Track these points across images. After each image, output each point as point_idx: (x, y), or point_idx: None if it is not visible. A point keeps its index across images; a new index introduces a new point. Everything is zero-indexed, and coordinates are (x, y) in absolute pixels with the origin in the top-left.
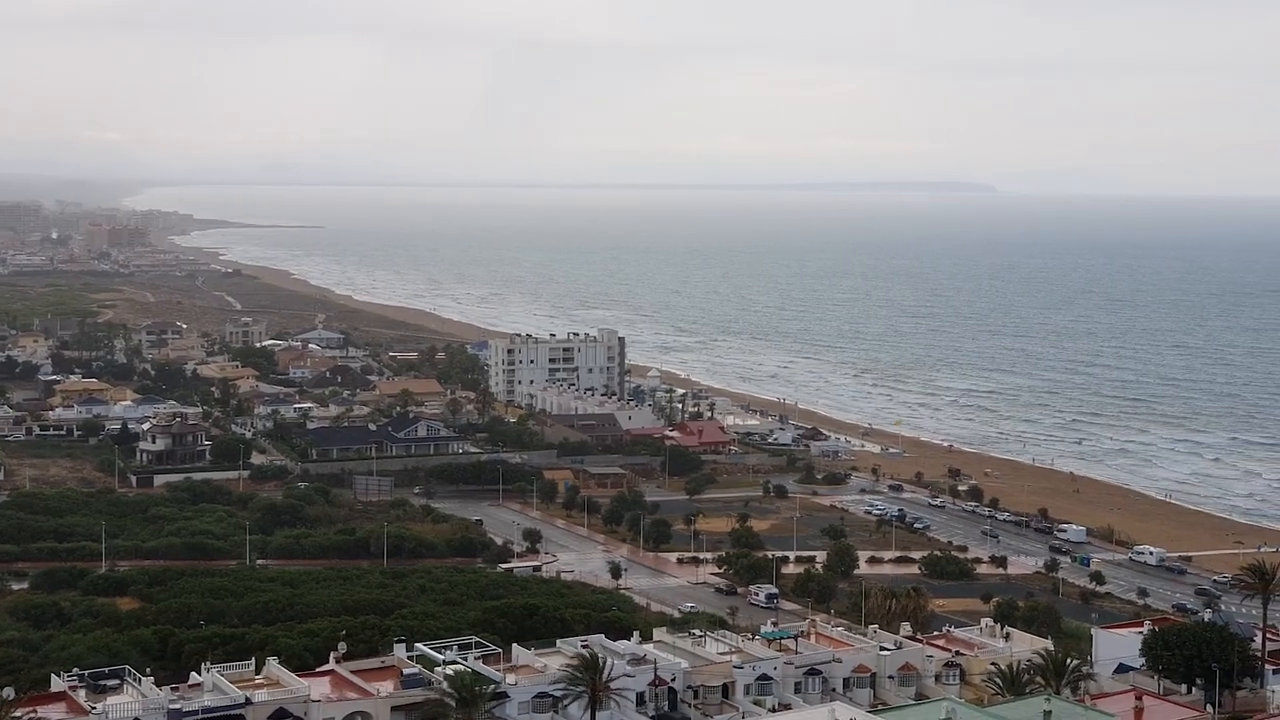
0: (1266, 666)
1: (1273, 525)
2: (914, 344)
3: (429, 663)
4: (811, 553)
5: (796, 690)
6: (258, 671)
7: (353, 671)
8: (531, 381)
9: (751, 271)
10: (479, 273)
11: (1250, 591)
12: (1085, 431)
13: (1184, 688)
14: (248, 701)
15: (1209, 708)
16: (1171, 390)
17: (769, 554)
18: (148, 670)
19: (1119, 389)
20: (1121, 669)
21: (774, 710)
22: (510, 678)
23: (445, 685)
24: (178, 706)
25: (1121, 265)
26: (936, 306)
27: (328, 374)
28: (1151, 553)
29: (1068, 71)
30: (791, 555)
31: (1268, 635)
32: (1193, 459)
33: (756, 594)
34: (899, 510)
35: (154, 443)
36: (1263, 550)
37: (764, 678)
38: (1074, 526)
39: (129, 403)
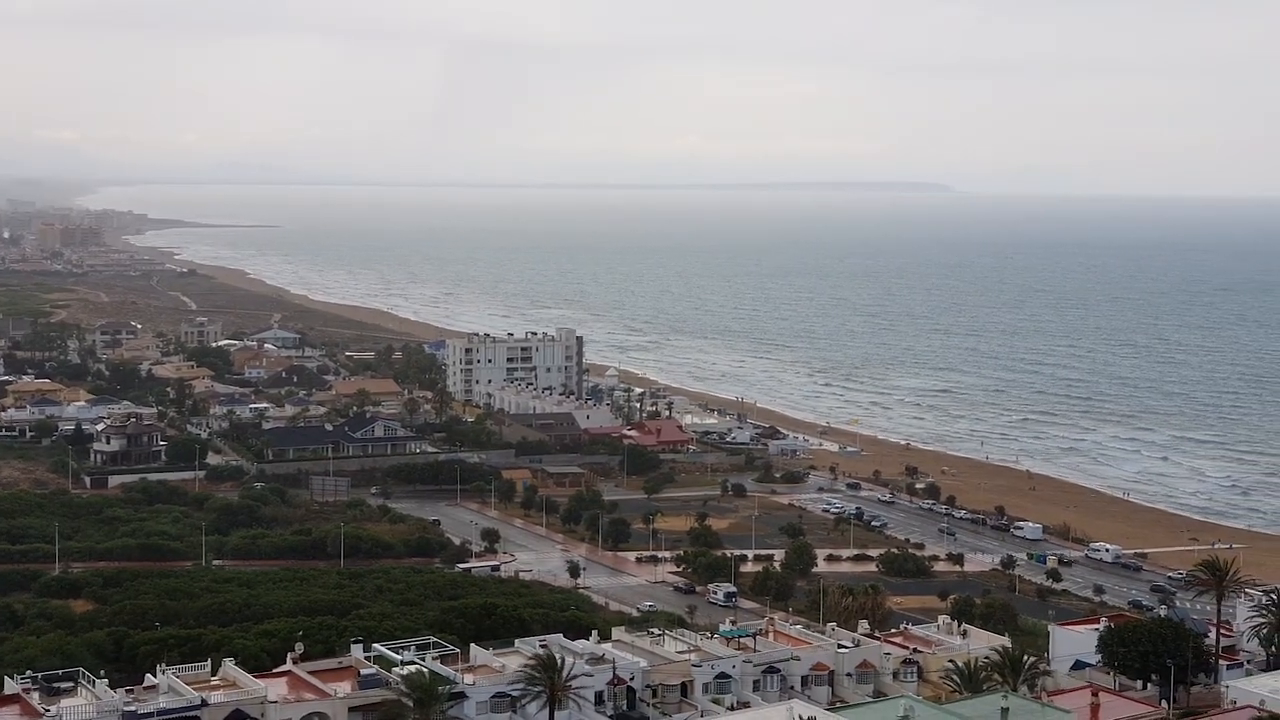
0: (1220, 662)
1: (1226, 522)
2: (868, 343)
3: (386, 663)
4: (770, 551)
5: (755, 688)
6: (214, 673)
7: (310, 672)
8: (489, 381)
9: (708, 271)
10: (435, 272)
11: (1204, 588)
12: (1038, 430)
13: (1139, 684)
14: (204, 703)
15: (1164, 703)
16: (1122, 389)
17: (727, 553)
18: (102, 672)
19: (1070, 387)
20: (1078, 665)
21: (732, 708)
22: (468, 678)
23: (403, 686)
24: (133, 709)
25: (1074, 264)
26: (890, 306)
27: (284, 374)
28: (1108, 550)
29: (1025, 72)
30: (750, 554)
31: (1221, 631)
32: (1144, 457)
33: (715, 592)
34: (857, 508)
35: (108, 443)
36: (1217, 547)
37: (722, 676)
38: (1030, 524)
39: (83, 403)
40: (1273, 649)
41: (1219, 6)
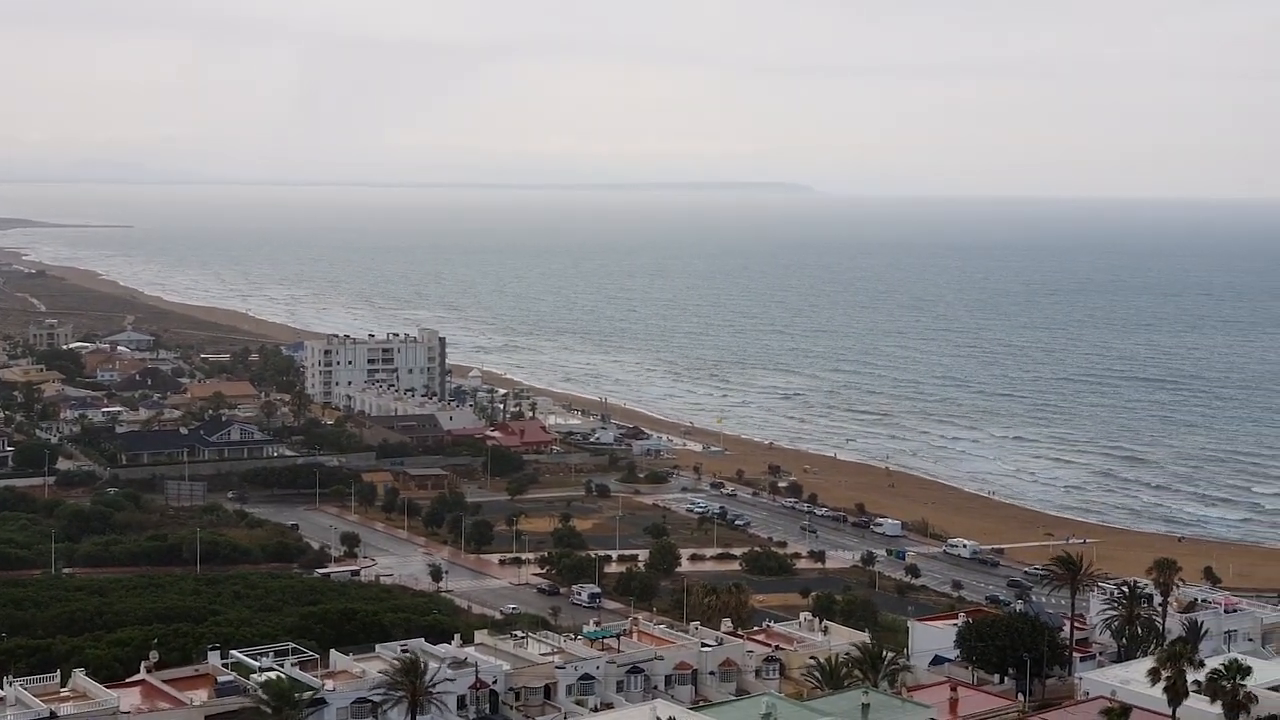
0: (1074, 655)
1: (1079, 517)
2: (729, 343)
3: (244, 670)
4: (634, 551)
5: (619, 689)
6: (64, 684)
7: (164, 681)
8: (349, 383)
9: (571, 271)
10: (294, 273)
11: (1059, 582)
12: (896, 427)
13: (997, 677)
14: (53, 715)
15: (1020, 696)
16: (975, 387)
17: (591, 553)
18: None
19: (926, 386)
20: (937, 660)
21: (596, 710)
22: (328, 684)
23: (261, 693)
24: None
25: (929, 265)
26: (750, 306)
27: (137, 377)
28: (965, 545)
29: (885, 74)
30: (614, 554)
31: (1075, 624)
32: (998, 453)
33: (579, 594)
34: (720, 508)
35: None
36: (1070, 542)
37: (586, 677)
38: (890, 521)
39: None
40: (1124, 641)
41: (1070, 9)
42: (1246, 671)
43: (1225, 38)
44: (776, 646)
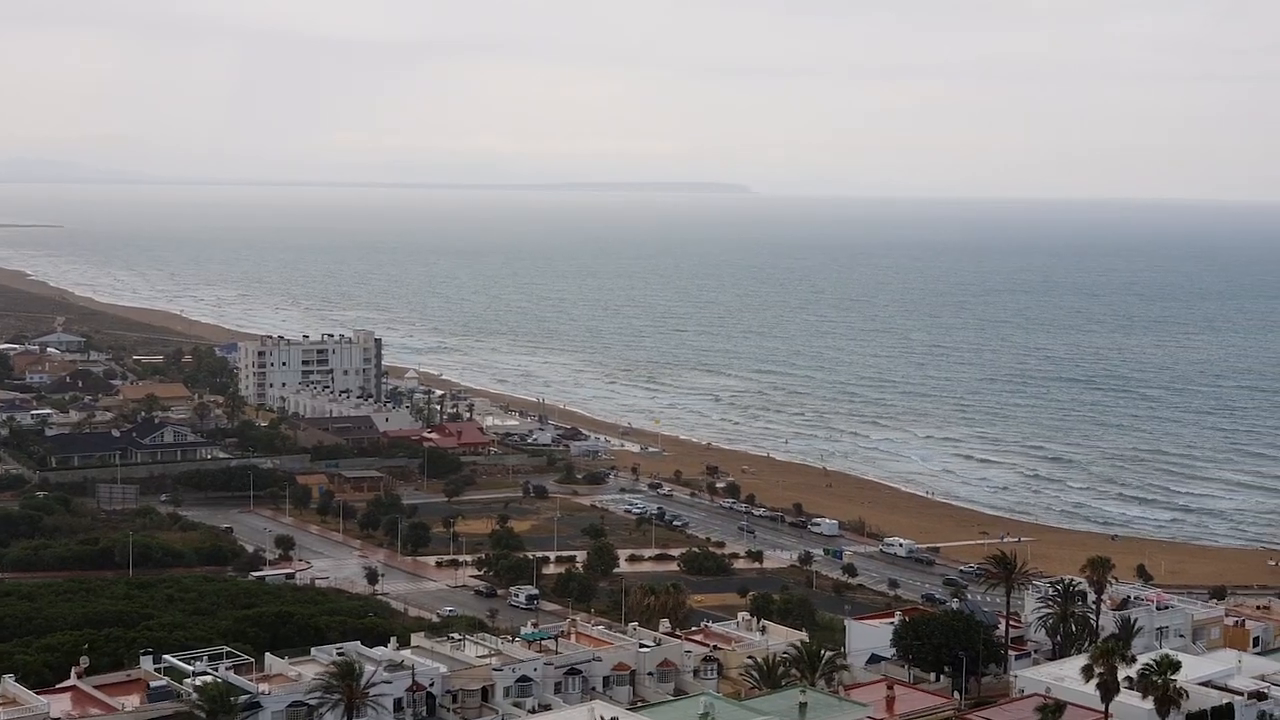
0: (1009, 652)
1: (1014, 516)
2: (665, 343)
3: (178, 675)
4: (572, 552)
5: (557, 690)
6: None
7: (96, 686)
8: (284, 384)
9: (507, 272)
10: (227, 273)
11: (994, 581)
12: (832, 427)
13: (933, 675)
14: None
15: (956, 694)
16: (904, 388)
17: (529, 555)
18: None
19: (856, 387)
20: (874, 659)
21: (533, 711)
22: (263, 687)
23: (195, 697)
24: None
25: (862, 265)
26: (684, 307)
27: (68, 378)
28: (901, 544)
29: (823, 75)
30: (552, 555)
31: (1010, 622)
32: (928, 454)
33: (516, 595)
34: (658, 508)
35: None
36: (1005, 540)
37: (524, 679)
38: (827, 520)
39: None
40: (1058, 638)
41: (1019, 14)
42: (1177, 667)
43: (1162, 41)
44: (714, 646)
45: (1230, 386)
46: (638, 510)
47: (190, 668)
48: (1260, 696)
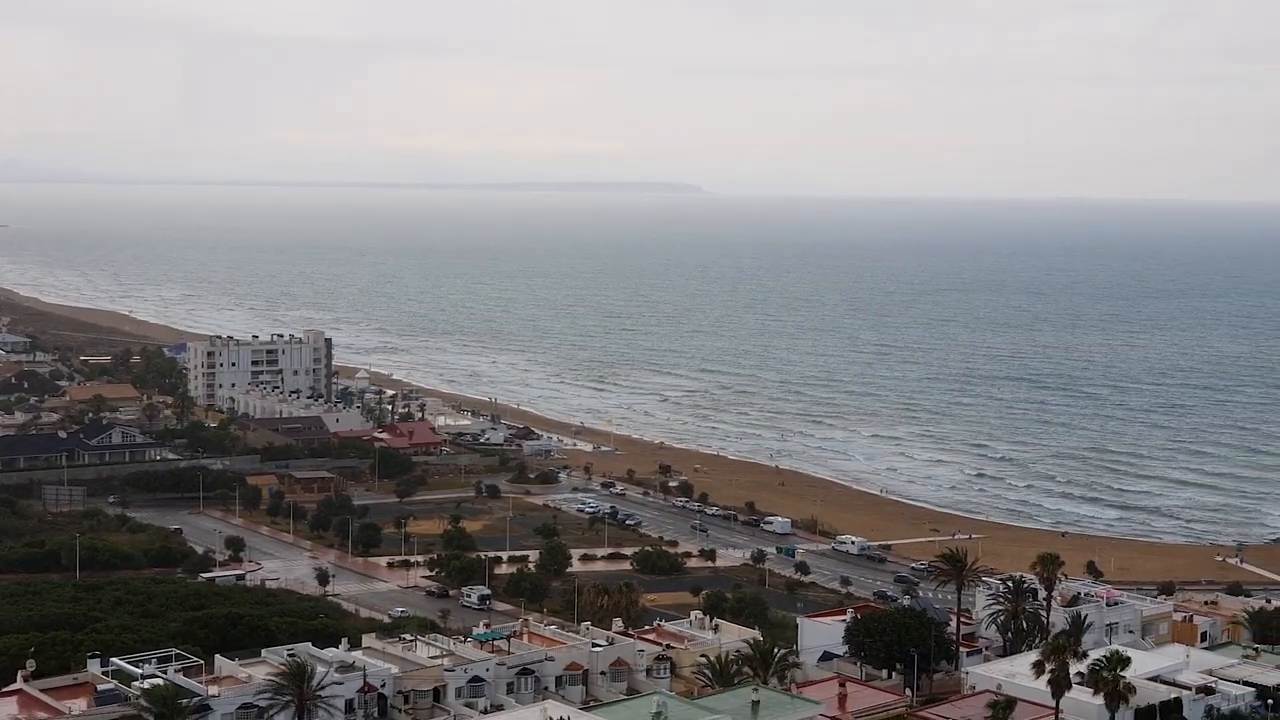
0: (961, 649)
1: (964, 514)
2: (615, 343)
3: (126, 678)
4: (524, 552)
5: (509, 691)
6: None
7: (43, 690)
8: (233, 385)
9: (456, 271)
10: (174, 273)
11: (945, 578)
12: (783, 426)
13: (885, 672)
14: None
15: (908, 691)
16: (851, 387)
17: (481, 555)
18: None
19: (804, 387)
20: (826, 656)
21: (486, 712)
22: (213, 689)
23: (143, 700)
24: None
25: (811, 265)
26: (633, 306)
27: (13, 379)
28: (853, 542)
29: (775, 75)
30: (504, 555)
31: (961, 619)
32: (881, 452)
33: (469, 596)
34: (611, 507)
35: None
36: (956, 538)
37: (476, 680)
38: (780, 519)
39: None
40: (1009, 635)
41: (962, 14)
42: (1126, 662)
43: (1098, 40)
44: (667, 645)
45: (1174, 385)
46: (590, 510)
47: (139, 670)
48: (1208, 691)
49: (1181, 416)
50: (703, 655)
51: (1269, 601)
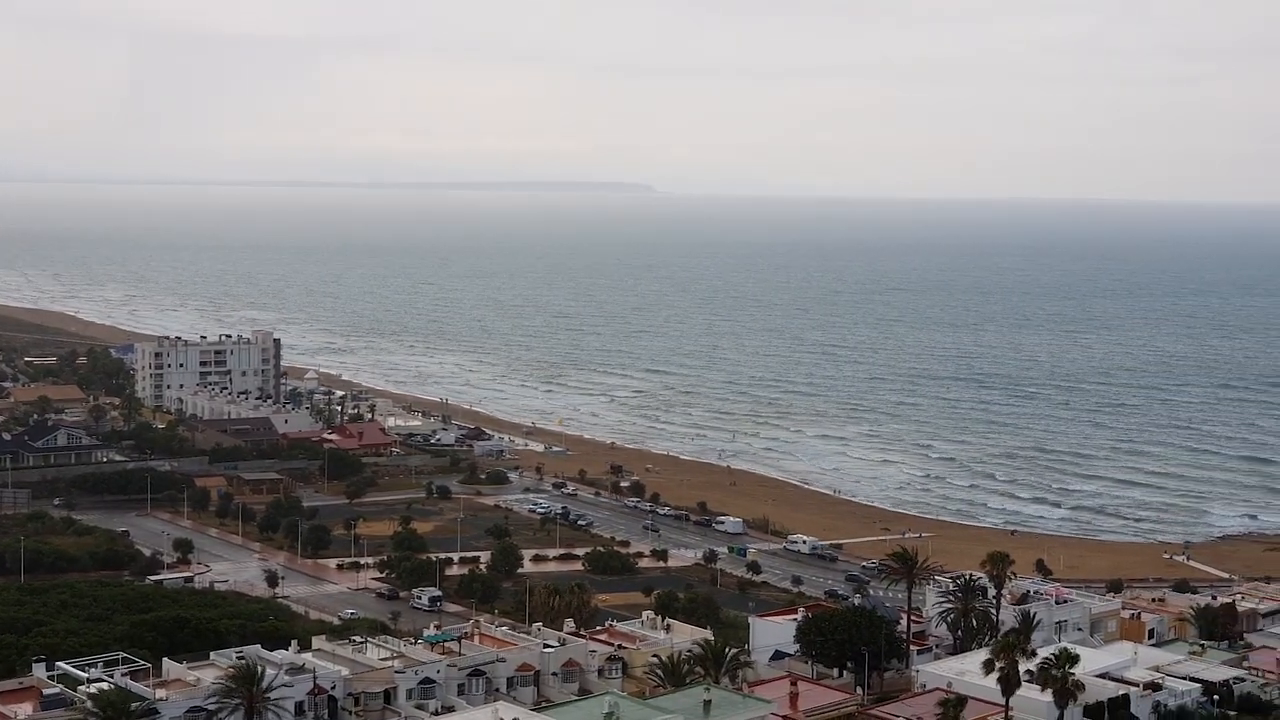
0: (911, 647)
1: (914, 512)
2: (566, 343)
3: (72, 682)
4: (476, 553)
5: (460, 692)
6: None
7: None
8: (181, 386)
9: (404, 272)
10: (119, 273)
11: (896, 576)
12: (731, 427)
13: (836, 671)
14: None
15: (859, 689)
16: (799, 387)
17: (432, 556)
18: None
19: (756, 385)
20: (777, 655)
21: (437, 714)
22: (161, 693)
23: (90, 705)
24: None
25: (761, 265)
26: (580, 306)
27: None
28: (805, 541)
29: (728, 75)
30: (455, 556)
31: (912, 618)
32: (827, 452)
33: (419, 597)
34: (562, 508)
35: None
36: (906, 536)
37: (426, 681)
38: (731, 518)
39: None
40: (959, 633)
41: (900, 16)
42: (1075, 660)
43: (1047, 42)
44: (619, 646)
45: (1118, 385)
46: (542, 510)
47: (85, 675)
48: (1155, 688)
49: (1126, 416)
50: (655, 655)
51: (1215, 598)
